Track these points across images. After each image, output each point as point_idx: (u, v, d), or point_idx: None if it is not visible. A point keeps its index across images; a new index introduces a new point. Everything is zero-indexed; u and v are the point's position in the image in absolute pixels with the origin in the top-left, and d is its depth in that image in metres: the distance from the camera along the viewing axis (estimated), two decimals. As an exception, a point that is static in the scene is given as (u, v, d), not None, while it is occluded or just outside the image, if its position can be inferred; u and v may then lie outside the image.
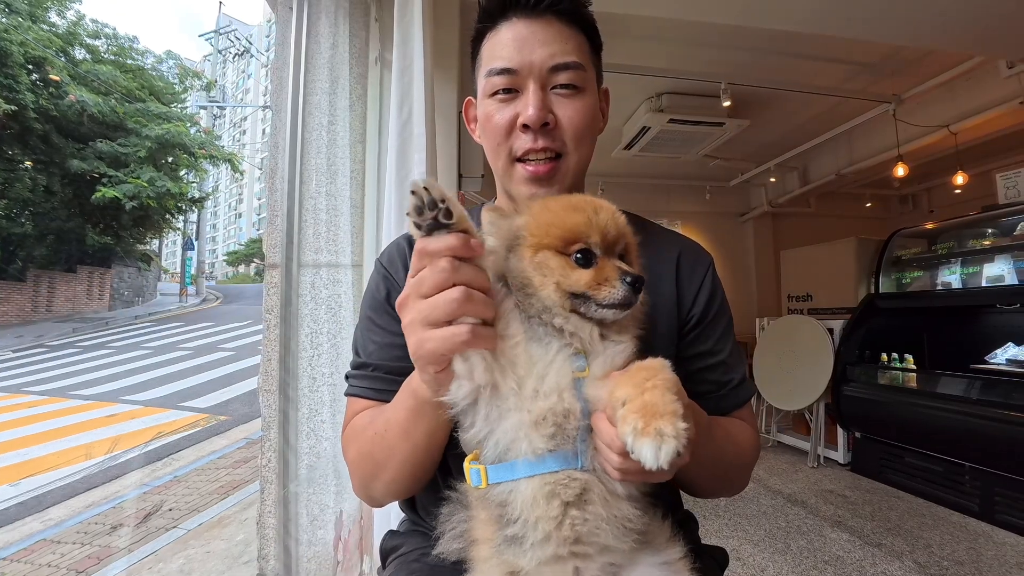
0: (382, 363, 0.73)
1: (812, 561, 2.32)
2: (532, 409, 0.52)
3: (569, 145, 0.75)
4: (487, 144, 0.79)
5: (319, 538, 1.58)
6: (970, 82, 3.91)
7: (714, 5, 2.52)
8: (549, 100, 0.73)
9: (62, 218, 13.32)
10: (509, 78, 0.73)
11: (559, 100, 0.74)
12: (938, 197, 6.60)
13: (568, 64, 0.72)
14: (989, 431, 2.65)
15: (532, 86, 0.72)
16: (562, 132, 0.74)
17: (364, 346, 0.76)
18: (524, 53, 0.72)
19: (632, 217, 0.84)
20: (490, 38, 0.76)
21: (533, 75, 0.72)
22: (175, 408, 5.42)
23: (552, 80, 0.73)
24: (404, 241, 0.81)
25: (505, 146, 0.75)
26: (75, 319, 12.95)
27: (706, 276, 0.81)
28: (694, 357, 0.77)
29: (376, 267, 0.82)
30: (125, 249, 15.88)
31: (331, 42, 1.72)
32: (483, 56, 0.77)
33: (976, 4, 2.53)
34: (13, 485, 3.52)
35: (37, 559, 2.54)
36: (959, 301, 3.33)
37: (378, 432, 0.66)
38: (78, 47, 13.90)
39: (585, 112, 0.75)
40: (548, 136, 0.73)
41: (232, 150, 27.25)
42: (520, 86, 0.73)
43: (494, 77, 0.73)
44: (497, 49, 0.74)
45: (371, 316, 0.77)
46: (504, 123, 0.74)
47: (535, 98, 0.71)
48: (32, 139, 12.10)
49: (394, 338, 0.72)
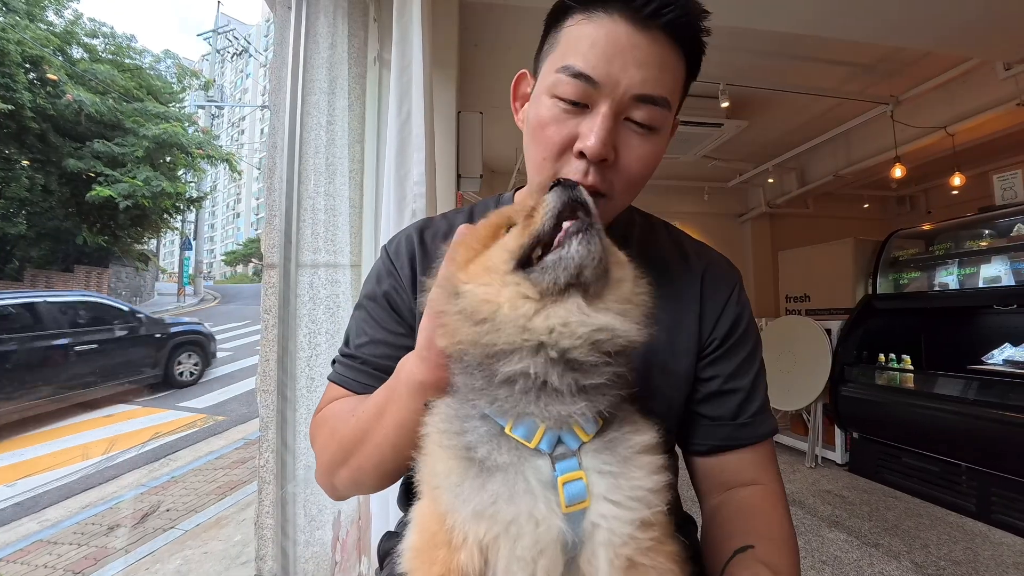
0: (371, 359, 0.70)
1: (810, 561, 2.32)
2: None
3: (618, 188, 0.64)
4: (531, 150, 0.67)
5: (317, 539, 1.58)
6: (967, 84, 3.93)
7: (713, 6, 2.52)
8: (616, 131, 0.61)
9: (59, 218, 13.27)
10: (585, 89, 0.59)
11: (628, 135, 0.62)
12: (935, 198, 6.62)
13: (656, 99, 0.60)
14: (986, 431, 2.66)
15: (604, 109, 0.59)
16: (617, 173, 0.63)
17: (356, 335, 0.73)
18: (614, 67, 0.58)
19: (659, 222, 0.82)
20: (578, 23, 0.61)
21: (613, 97, 0.59)
22: (172, 408, 5.41)
23: (631, 109, 0.60)
24: (415, 233, 0.76)
25: (551, 166, 0.64)
26: (72, 319, 12.89)
27: (731, 296, 0.74)
28: (712, 379, 0.71)
29: (382, 254, 0.77)
30: (123, 249, 15.83)
31: (330, 42, 1.72)
32: (561, 41, 0.62)
33: (973, 6, 2.54)
34: (10, 486, 3.50)
35: (34, 560, 2.53)
36: (956, 302, 3.34)
37: (355, 415, 0.62)
38: (76, 46, 13.86)
39: (650, 160, 0.64)
40: (600, 174, 0.62)
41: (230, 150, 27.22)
42: (592, 102, 0.60)
43: (568, 78, 0.60)
44: (583, 45, 0.59)
45: (368, 307, 0.74)
46: (560, 139, 0.62)
47: (602, 127, 0.59)
48: (29, 138, 12.06)
49: (387, 335, 0.71)
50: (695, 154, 4.90)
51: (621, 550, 0.39)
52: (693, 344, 0.70)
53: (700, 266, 0.75)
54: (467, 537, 0.39)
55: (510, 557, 0.38)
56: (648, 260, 0.75)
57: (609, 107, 0.59)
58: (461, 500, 0.40)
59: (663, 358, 0.68)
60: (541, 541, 0.38)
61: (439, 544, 0.40)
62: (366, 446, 0.60)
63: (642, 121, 0.61)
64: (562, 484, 0.40)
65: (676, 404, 0.70)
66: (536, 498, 0.39)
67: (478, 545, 0.39)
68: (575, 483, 0.40)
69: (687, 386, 0.70)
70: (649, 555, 0.40)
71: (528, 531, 0.38)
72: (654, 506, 0.41)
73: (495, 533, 0.39)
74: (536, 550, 0.38)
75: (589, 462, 0.41)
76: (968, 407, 2.78)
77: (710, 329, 0.71)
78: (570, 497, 0.39)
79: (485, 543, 0.39)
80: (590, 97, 0.60)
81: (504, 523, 0.39)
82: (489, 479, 0.40)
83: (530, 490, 0.39)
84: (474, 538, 0.39)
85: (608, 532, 0.39)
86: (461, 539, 0.39)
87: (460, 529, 0.39)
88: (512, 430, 0.42)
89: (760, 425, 0.71)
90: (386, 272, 0.74)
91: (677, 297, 0.72)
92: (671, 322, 0.70)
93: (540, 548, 0.38)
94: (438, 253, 0.53)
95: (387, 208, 1.56)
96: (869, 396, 3.35)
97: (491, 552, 0.39)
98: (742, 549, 0.58)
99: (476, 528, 0.39)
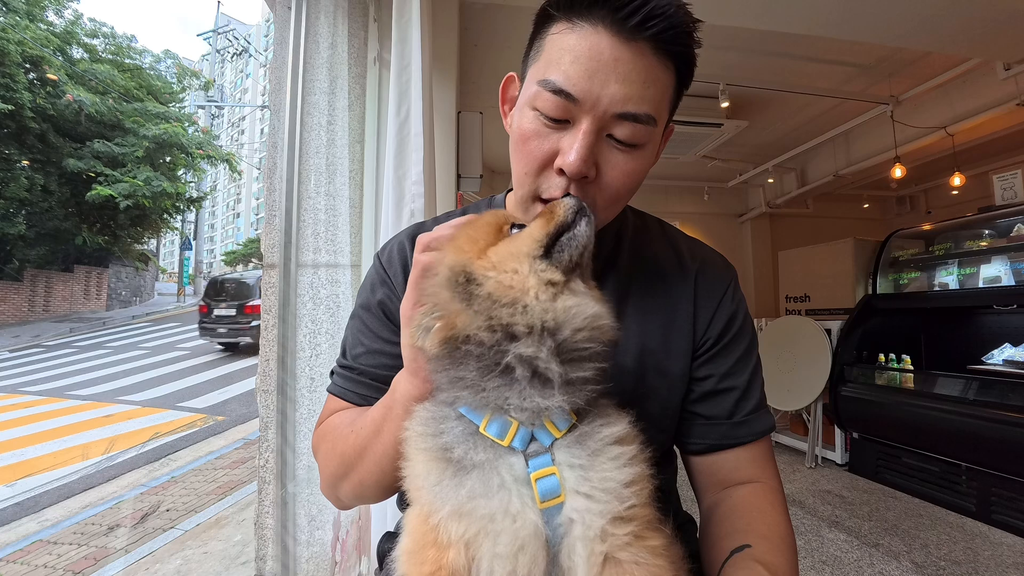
0: (368, 369, 0.71)
1: (810, 561, 2.33)
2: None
3: (601, 204, 0.62)
4: (514, 161, 0.66)
5: (317, 539, 1.58)
6: (967, 84, 3.93)
7: (713, 7, 2.53)
8: (598, 148, 0.59)
9: (59, 218, 13.29)
10: (565, 105, 0.57)
11: (610, 152, 0.60)
12: (935, 198, 6.63)
13: (638, 117, 0.57)
14: (986, 432, 2.66)
15: (585, 126, 0.57)
16: (599, 190, 0.61)
17: (353, 345, 0.73)
18: (595, 83, 0.56)
19: (653, 220, 0.81)
20: (561, 31, 0.58)
21: (594, 114, 0.57)
22: (172, 408, 5.41)
23: (612, 126, 0.58)
24: (407, 240, 0.76)
25: (532, 180, 0.63)
26: (72, 319, 12.91)
27: (726, 293, 0.73)
28: (707, 379, 0.70)
29: (375, 263, 0.77)
30: (122, 249, 15.86)
31: (330, 42, 1.72)
32: (545, 50, 0.60)
33: (973, 6, 2.54)
34: (9, 486, 3.51)
35: (33, 560, 2.53)
36: (956, 302, 3.34)
37: (354, 431, 0.63)
38: (76, 46, 13.89)
39: (633, 176, 0.62)
40: (582, 190, 0.60)
41: (230, 150, 27.21)
42: (573, 117, 0.58)
43: (548, 93, 0.58)
44: (565, 58, 0.57)
45: (363, 316, 0.74)
46: (540, 155, 0.61)
47: (583, 144, 0.57)
48: (29, 138, 12.09)
49: (383, 344, 0.71)
50: (695, 154, 4.91)
51: (597, 545, 0.39)
52: (687, 344, 0.70)
53: (694, 265, 0.74)
54: (451, 535, 0.40)
55: (492, 554, 0.39)
56: (641, 259, 0.74)
57: (590, 124, 0.57)
58: (440, 499, 0.41)
59: (658, 358, 0.68)
60: (519, 537, 0.39)
61: (427, 544, 0.41)
62: (366, 462, 0.61)
63: (624, 139, 0.59)
64: (535, 480, 0.40)
65: (672, 404, 0.70)
66: (511, 494, 0.40)
67: (463, 543, 0.40)
68: (548, 479, 0.40)
69: (683, 386, 0.70)
70: (628, 550, 0.40)
71: (506, 527, 0.39)
72: (626, 499, 0.40)
73: (475, 530, 0.39)
74: (516, 546, 0.39)
75: (561, 457, 0.42)
76: (968, 407, 2.78)
77: (704, 328, 0.71)
78: (544, 492, 0.40)
79: (467, 540, 0.40)
80: (570, 112, 0.58)
81: (482, 520, 0.39)
82: (466, 477, 0.41)
83: (504, 486, 0.40)
84: (456, 536, 0.40)
85: (583, 527, 0.40)
86: (446, 538, 0.40)
87: (444, 528, 0.40)
88: (486, 428, 0.43)
89: (756, 423, 0.70)
90: (379, 281, 0.74)
91: (671, 296, 0.71)
92: (665, 322, 0.69)
93: (519, 544, 0.39)
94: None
95: (387, 208, 1.56)
96: (869, 396, 3.35)
97: (473, 549, 0.40)
98: (739, 548, 0.58)
99: (457, 526, 0.40)
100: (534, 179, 0.62)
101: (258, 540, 1.58)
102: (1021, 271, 2.96)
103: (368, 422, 0.61)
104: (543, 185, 0.62)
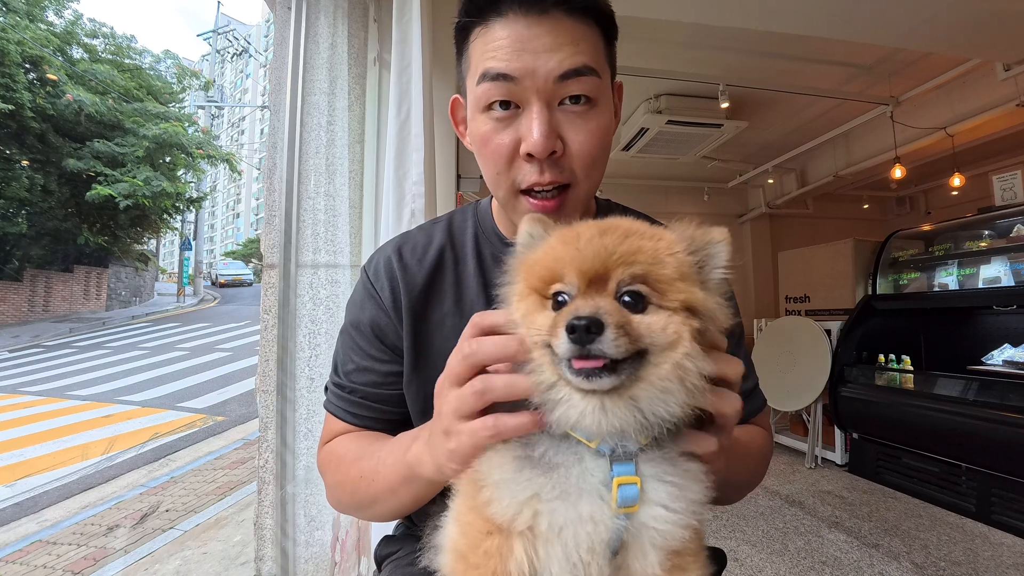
0: (359, 387, 0.71)
1: (810, 562, 2.32)
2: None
3: (579, 174, 0.64)
4: (485, 170, 0.67)
5: (316, 539, 1.58)
6: (967, 84, 3.93)
7: (713, 7, 2.52)
8: (556, 121, 0.61)
9: (59, 217, 13.28)
10: (506, 87, 0.60)
11: (569, 119, 0.62)
12: (935, 199, 6.63)
13: (580, 69, 0.59)
14: (985, 432, 2.66)
15: (536, 105, 0.60)
16: (571, 160, 0.63)
17: (343, 363, 0.74)
18: (525, 58, 0.58)
19: (620, 210, 0.82)
20: (480, 35, 0.62)
21: (537, 89, 0.59)
22: (172, 409, 5.40)
23: (561, 92, 0.60)
24: (393, 253, 0.74)
25: (507, 176, 0.64)
26: (72, 319, 12.90)
27: None
28: None
29: (362, 276, 0.76)
30: (122, 249, 15.84)
31: (330, 42, 1.72)
32: (472, 57, 0.64)
33: (973, 6, 2.54)
34: (9, 486, 3.50)
35: (33, 560, 2.52)
36: (956, 302, 3.34)
37: (364, 476, 0.63)
38: (76, 46, 13.88)
39: (599, 134, 0.63)
40: (555, 167, 0.62)
41: (230, 150, 27.23)
42: (521, 100, 0.61)
43: (487, 84, 0.60)
44: (490, 50, 0.60)
45: (352, 334, 0.74)
46: (504, 151, 0.62)
47: (540, 121, 0.59)
48: (29, 138, 12.07)
49: (372, 363, 0.71)
50: (695, 154, 4.91)
51: (670, 554, 0.42)
52: None
53: None
54: (517, 525, 0.41)
55: (563, 547, 0.40)
56: None
57: (539, 100, 0.60)
58: (510, 493, 0.41)
59: None
60: (592, 536, 0.40)
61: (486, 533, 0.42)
62: (378, 507, 0.65)
63: (577, 94, 0.61)
64: (617, 485, 0.40)
65: None
66: (590, 495, 0.40)
67: (531, 533, 0.41)
68: (629, 487, 0.40)
69: None
70: (687, 558, 0.44)
71: (580, 526, 0.40)
72: (701, 515, 0.43)
73: (547, 524, 0.40)
74: (587, 545, 0.40)
75: (648, 470, 0.42)
76: (968, 408, 2.78)
77: None
78: (623, 500, 0.40)
79: (537, 532, 0.41)
80: (515, 95, 0.60)
81: (556, 515, 0.40)
82: (544, 474, 0.41)
83: (585, 487, 0.41)
84: (524, 526, 0.41)
85: (660, 535, 0.41)
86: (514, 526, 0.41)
87: (510, 517, 0.41)
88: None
89: (751, 403, 0.74)
90: (367, 296, 0.74)
91: None
92: None
93: (591, 543, 0.40)
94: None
95: (386, 208, 1.56)
96: (869, 397, 3.35)
97: (540, 542, 0.41)
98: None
99: (526, 517, 0.41)
100: (507, 175, 0.64)
101: (257, 540, 1.57)
102: (1021, 272, 2.96)
103: (381, 480, 0.62)
104: (517, 177, 0.64)
